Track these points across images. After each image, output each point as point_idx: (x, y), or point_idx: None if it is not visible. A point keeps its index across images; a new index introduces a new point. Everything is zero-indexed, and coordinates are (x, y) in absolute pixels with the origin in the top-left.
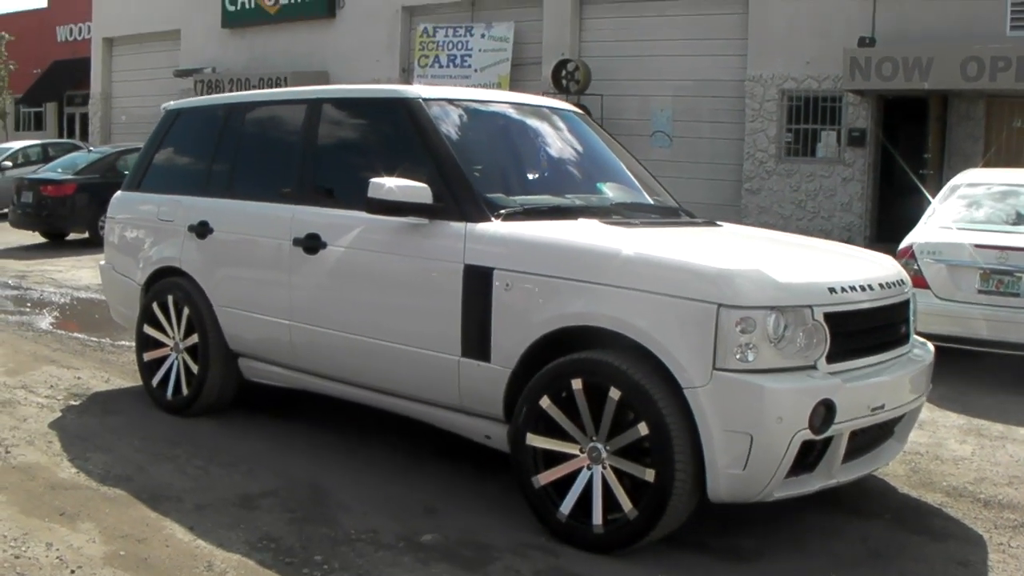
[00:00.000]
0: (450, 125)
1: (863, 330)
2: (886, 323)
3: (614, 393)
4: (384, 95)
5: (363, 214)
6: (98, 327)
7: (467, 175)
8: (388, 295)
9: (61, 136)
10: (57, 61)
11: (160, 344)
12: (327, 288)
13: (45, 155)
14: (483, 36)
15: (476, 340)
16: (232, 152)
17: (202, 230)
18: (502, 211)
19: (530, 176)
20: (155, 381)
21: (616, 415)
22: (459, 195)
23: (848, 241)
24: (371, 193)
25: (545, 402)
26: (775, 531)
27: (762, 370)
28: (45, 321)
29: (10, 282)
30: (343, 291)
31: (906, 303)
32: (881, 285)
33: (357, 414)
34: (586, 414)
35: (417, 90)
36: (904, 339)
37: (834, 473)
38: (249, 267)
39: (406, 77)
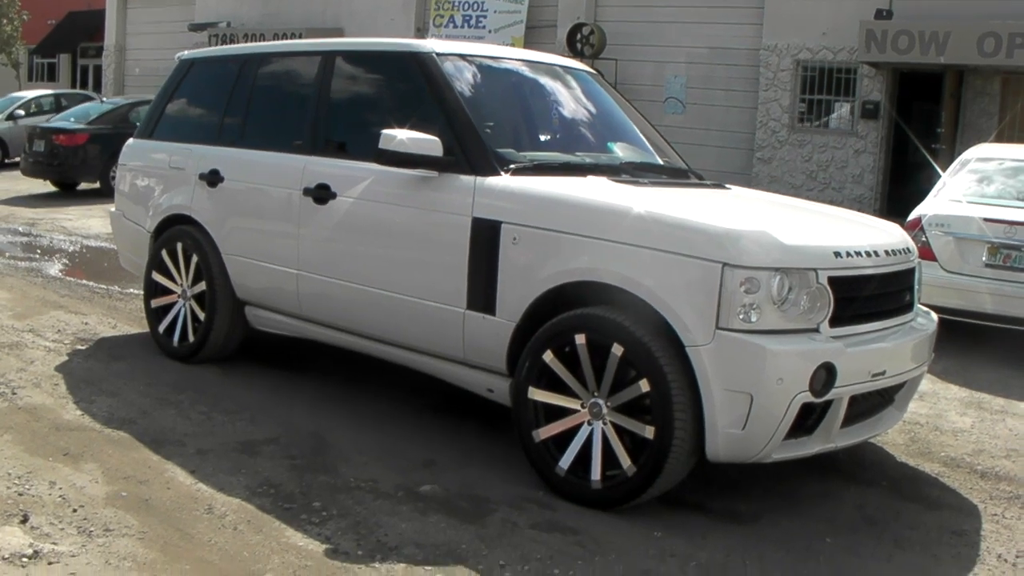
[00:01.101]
0: (462, 80)
1: (867, 296)
2: (890, 290)
3: (617, 349)
4: (398, 48)
5: (374, 165)
6: (106, 275)
7: (478, 129)
8: (396, 247)
9: (74, 88)
10: (72, 12)
11: (168, 291)
12: (335, 238)
13: (58, 105)
14: None
15: (482, 293)
16: (245, 102)
17: (213, 178)
18: (512, 166)
19: (541, 133)
20: (162, 328)
21: (618, 371)
22: (469, 149)
23: None
24: (382, 144)
25: (548, 356)
26: (772, 495)
27: (765, 331)
28: (54, 268)
29: (20, 229)
30: (351, 242)
31: (911, 271)
32: (887, 252)
33: (362, 366)
34: (588, 369)
35: (431, 44)
36: (908, 307)
37: (833, 437)
38: (258, 216)
39: (421, 36)
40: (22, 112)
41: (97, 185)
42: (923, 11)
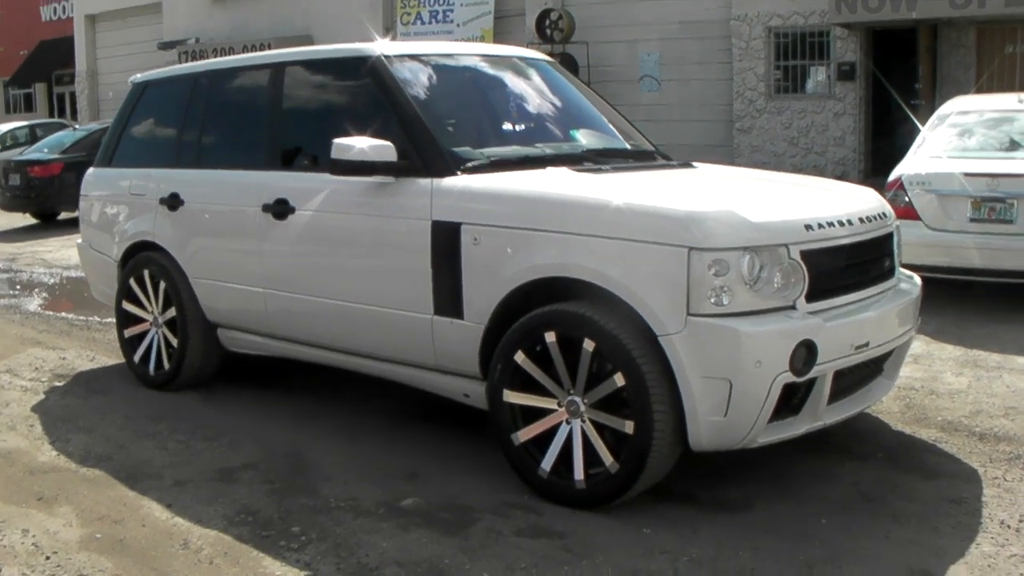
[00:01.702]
0: (413, 80)
1: (843, 266)
2: (868, 258)
3: (588, 344)
4: (344, 54)
5: (331, 176)
6: (85, 306)
7: (431, 130)
8: (358, 257)
9: (52, 116)
10: (44, 41)
11: (140, 320)
12: (298, 253)
13: (33, 136)
14: None
15: (448, 297)
16: (199, 121)
17: (173, 202)
18: (468, 164)
19: (499, 127)
20: (137, 357)
21: (592, 367)
22: (423, 150)
23: (843, 175)
24: (334, 154)
25: (520, 357)
26: (764, 478)
27: (738, 313)
28: (33, 303)
29: (0, 265)
30: (314, 255)
31: (889, 236)
32: (861, 219)
33: (343, 379)
34: (561, 367)
35: (378, 47)
36: (888, 273)
37: (820, 415)
38: (221, 237)
39: (390, 37)
40: None
41: (76, 214)
42: None
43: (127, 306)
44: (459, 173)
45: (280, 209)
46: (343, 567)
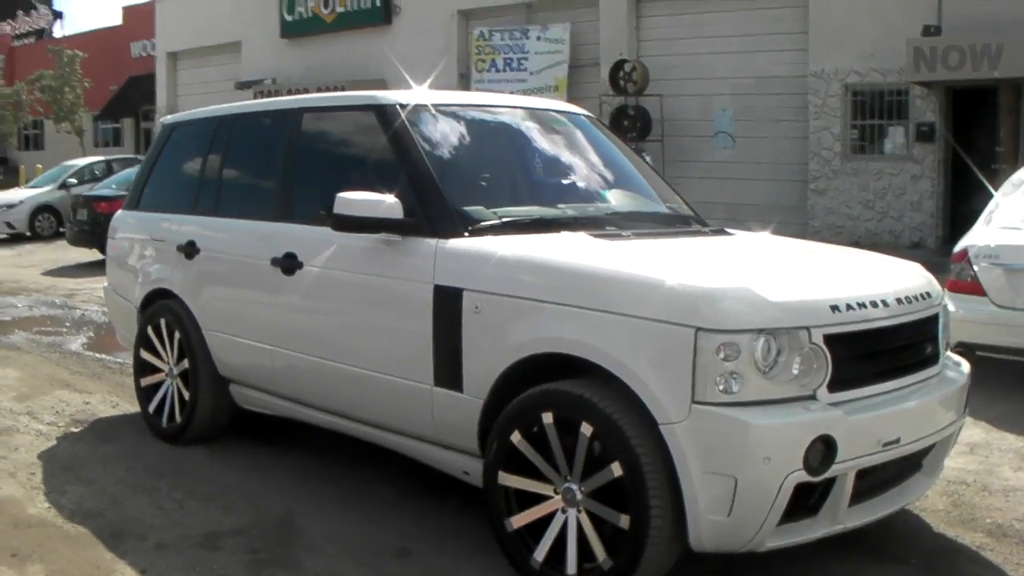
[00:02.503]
0: (430, 133)
1: (875, 352)
2: (905, 343)
3: (586, 428)
4: (358, 102)
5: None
6: (125, 348)
7: (440, 186)
8: (362, 319)
9: (138, 151)
10: (132, 77)
11: (156, 369)
12: (304, 311)
13: (109, 170)
14: (539, 38)
15: (448, 368)
16: (219, 167)
17: (190, 250)
18: (477, 225)
19: (521, 186)
20: (151, 407)
21: (589, 453)
22: (430, 209)
23: (919, 242)
24: (337, 208)
25: (516, 437)
26: None
27: (749, 402)
28: (76, 342)
29: (57, 301)
30: (319, 314)
31: (933, 319)
32: (899, 300)
33: (355, 444)
34: (559, 451)
35: (393, 96)
36: (930, 360)
37: (840, 517)
38: (233, 289)
39: (464, 83)
40: (74, 180)
41: None
42: (972, 24)
43: (144, 355)
44: (466, 234)
45: (288, 264)
46: None
